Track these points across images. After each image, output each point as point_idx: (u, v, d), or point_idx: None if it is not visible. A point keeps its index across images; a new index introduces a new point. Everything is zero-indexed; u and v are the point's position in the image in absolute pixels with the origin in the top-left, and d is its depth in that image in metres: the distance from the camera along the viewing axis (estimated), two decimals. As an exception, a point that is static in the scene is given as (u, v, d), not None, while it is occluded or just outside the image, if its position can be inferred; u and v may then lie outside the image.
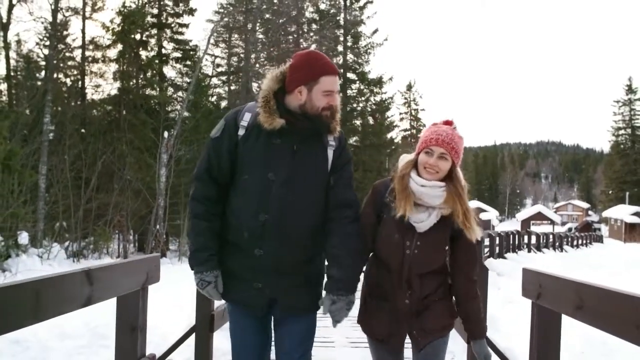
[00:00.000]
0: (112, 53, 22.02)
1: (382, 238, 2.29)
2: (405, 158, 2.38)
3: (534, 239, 20.78)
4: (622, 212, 53.30)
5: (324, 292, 2.27)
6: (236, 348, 2.35)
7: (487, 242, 13.32)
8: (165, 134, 18.66)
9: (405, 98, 46.85)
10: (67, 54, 22.22)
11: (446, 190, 2.20)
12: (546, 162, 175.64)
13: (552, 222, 68.69)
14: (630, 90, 62.62)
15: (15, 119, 13.60)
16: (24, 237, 12.46)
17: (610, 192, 63.93)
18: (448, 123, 2.30)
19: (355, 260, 2.24)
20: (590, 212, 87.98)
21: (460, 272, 2.31)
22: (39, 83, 19.44)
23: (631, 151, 60.97)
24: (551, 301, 2.41)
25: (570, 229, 57.52)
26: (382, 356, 2.41)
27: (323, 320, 2.43)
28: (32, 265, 11.87)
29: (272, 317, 2.36)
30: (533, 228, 52.39)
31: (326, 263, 2.30)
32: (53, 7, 18.91)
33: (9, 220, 11.87)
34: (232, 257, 2.24)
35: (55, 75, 20.08)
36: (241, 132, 2.19)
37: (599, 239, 40.02)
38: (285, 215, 2.15)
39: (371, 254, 2.42)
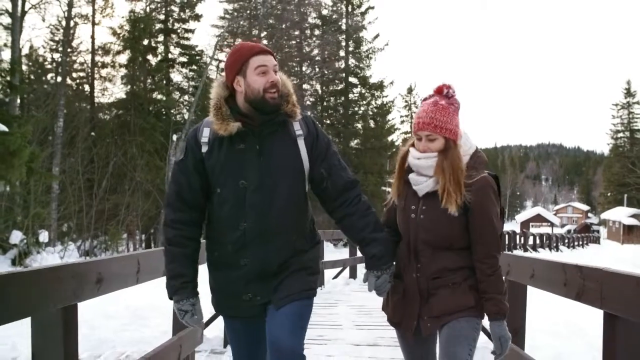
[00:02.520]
0: (122, 58, 22.81)
1: (397, 208, 2.28)
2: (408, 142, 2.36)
3: (530, 240, 21.44)
4: (620, 214, 53.93)
5: (364, 271, 2.28)
6: (236, 349, 2.33)
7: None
8: (174, 137, 19.39)
9: (406, 101, 47.53)
10: (77, 59, 22.97)
11: (436, 161, 2.15)
12: (547, 164, 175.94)
13: (552, 224, 69.29)
14: (629, 93, 63.15)
15: (35, 123, 14.30)
16: (44, 236, 13.18)
17: (609, 194, 64.46)
18: (439, 90, 2.21)
19: (381, 232, 2.23)
20: (590, 215, 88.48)
21: (476, 245, 2.16)
22: (49, 88, 20.17)
23: (630, 154, 61.56)
24: (516, 275, 3.09)
25: (569, 231, 58.20)
26: (406, 346, 2.31)
27: (330, 308, 2.42)
28: (53, 262, 12.61)
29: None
30: (532, 230, 53.03)
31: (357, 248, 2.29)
32: (66, 14, 19.68)
33: (30, 219, 12.57)
34: (220, 273, 2.20)
35: (67, 81, 20.79)
36: (204, 148, 2.12)
37: (596, 240, 40.63)
38: (263, 221, 2.09)
39: None
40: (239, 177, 2.09)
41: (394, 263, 2.25)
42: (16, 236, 12.52)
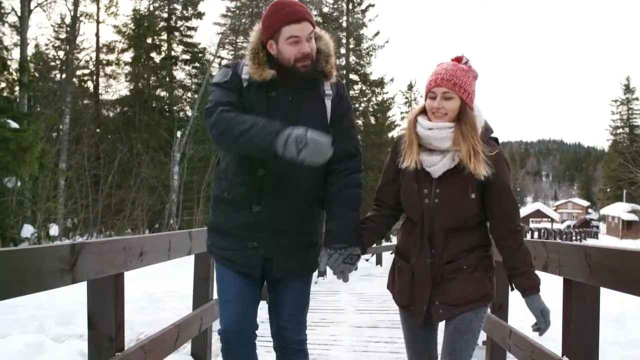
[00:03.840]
0: (126, 56, 23.21)
1: (403, 190, 2.13)
2: (416, 106, 2.25)
3: (528, 235, 21.84)
4: (619, 210, 54.33)
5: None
6: (226, 301, 2.18)
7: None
8: (179, 133, 19.80)
9: (407, 97, 47.78)
10: (82, 57, 23.36)
11: (454, 131, 2.02)
12: (547, 160, 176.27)
13: (551, 220, 69.66)
14: (628, 89, 63.47)
15: (45, 120, 14.70)
16: (54, 229, 13.60)
17: (608, 190, 64.79)
18: (458, 60, 2.11)
19: (350, 210, 2.13)
20: (590, 210, 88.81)
21: (498, 222, 2.07)
22: (54, 85, 20.57)
23: (629, 150, 61.89)
24: (496, 255, 3.48)
25: (568, 226, 58.58)
26: (411, 328, 2.21)
27: (333, 295, 2.25)
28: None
29: (265, 283, 2.26)
30: (532, 225, 53.41)
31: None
32: (72, 13, 20.06)
33: (42, 214, 12.98)
34: (227, 215, 2.14)
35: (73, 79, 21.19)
36: (244, 83, 2.09)
37: (594, 235, 41.05)
38: (285, 170, 2.03)
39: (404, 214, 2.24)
40: None
41: (356, 249, 2.10)
42: (27, 230, 12.91)
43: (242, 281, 2.15)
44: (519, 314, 4.29)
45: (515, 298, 3.76)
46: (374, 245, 6.62)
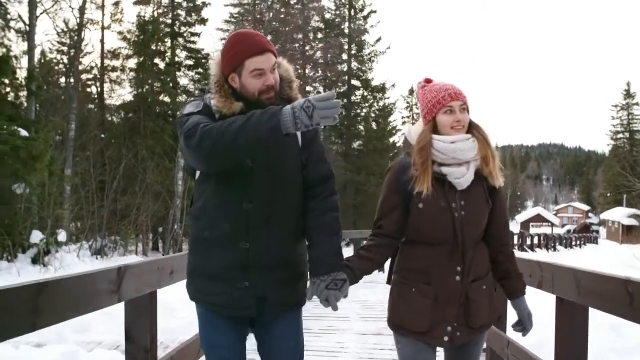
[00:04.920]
0: (131, 63, 23.48)
1: (423, 213, 2.06)
2: (412, 130, 2.20)
3: (528, 240, 22.06)
4: (619, 214, 54.49)
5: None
6: (217, 353, 2.09)
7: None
8: (183, 139, 20.04)
9: (408, 102, 48.10)
10: (87, 62, 23.66)
11: (474, 140, 2.07)
12: (547, 164, 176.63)
13: (551, 224, 69.85)
14: (628, 94, 63.74)
15: (53, 127, 14.95)
16: (62, 235, 13.83)
17: (608, 194, 64.97)
18: (429, 81, 2.17)
19: (331, 236, 2.05)
20: (590, 214, 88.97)
21: (503, 228, 2.16)
22: (60, 91, 20.85)
23: (626, 159, 62.10)
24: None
25: (568, 231, 58.86)
26: (417, 356, 2.11)
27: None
28: (71, 261, 13.26)
29: (254, 325, 2.13)
30: (532, 230, 53.63)
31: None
32: (78, 20, 20.33)
33: (50, 220, 13.22)
34: (211, 256, 2.01)
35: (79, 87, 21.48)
36: (216, 115, 1.99)
37: (594, 240, 41.23)
38: (271, 202, 1.99)
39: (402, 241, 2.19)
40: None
41: (339, 273, 2.01)
42: (36, 236, 13.14)
43: (232, 328, 2.07)
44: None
45: (510, 311, 4.03)
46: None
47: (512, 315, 4.27)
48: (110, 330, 5.62)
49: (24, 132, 12.35)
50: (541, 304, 3.74)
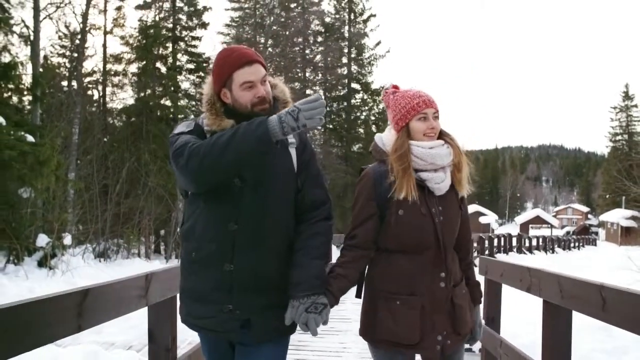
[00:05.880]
0: (133, 67, 23.73)
1: (402, 221, 2.05)
2: (384, 137, 2.23)
3: (527, 242, 22.29)
4: (618, 216, 54.75)
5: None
6: None
7: (476, 244, 14.84)
8: (185, 143, 20.27)
9: (407, 105, 48.49)
10: (89, 67, 23.93)
11: (448, 146, 2.11)
12: (547, 165, 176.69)
13: (551, 226, 70.05)
14: (627, 96, 64.05)
15: (57, 132, 15.18)
16: (68, 239, 14.06)
17: (607, 196, 65.19)
18: (397, 88, 2.21)
19: (314, 259, 2.00)
20: (589, 216, 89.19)
21: (464, 238, 2.21)
22: (62, 96, 21.06)
23: (622, 163, 62.32)
24: (491, 275, 3.96)
25: (568, 232, 59.05)
26: None
27: (339, 304, 2.18)
28: (77, 264, 13.48)
29: (236, 348, 2.07)
30: (532, 231, 53.93)
31: None
32: (81, 26, 20.58)
33: (56, 223, 13.45)
34: (197, 277, 2.00)
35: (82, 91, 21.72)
36: (207, 135, 1.98)
37: (593, 242, 41.44)
38: (258, 224, 1.96)
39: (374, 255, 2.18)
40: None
41: (320, 297, 1.96)
42: (42, 239, 13.37)
43: (224, 354, 2.09)
44: (508, 329, 4.77)
45: (505, 312, 4.27)
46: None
47: (505, 317, 4.53)
48: (121, 332, 5.86)
49: (30, 138, 12.60)
50: (533, 306, 3.98)
